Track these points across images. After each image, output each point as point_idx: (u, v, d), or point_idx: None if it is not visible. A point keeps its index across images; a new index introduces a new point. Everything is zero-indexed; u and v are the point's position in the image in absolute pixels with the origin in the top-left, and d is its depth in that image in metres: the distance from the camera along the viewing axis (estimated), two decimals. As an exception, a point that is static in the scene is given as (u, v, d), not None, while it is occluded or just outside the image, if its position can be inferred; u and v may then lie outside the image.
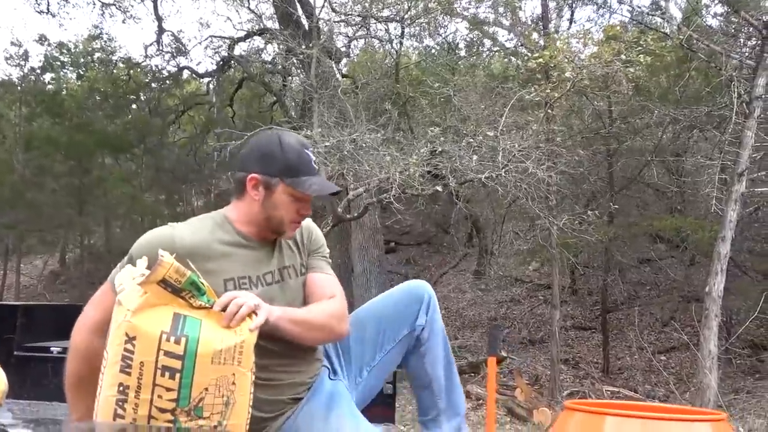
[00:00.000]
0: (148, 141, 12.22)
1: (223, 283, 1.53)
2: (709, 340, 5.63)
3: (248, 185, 1.59)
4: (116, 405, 1.16)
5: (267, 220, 1.60)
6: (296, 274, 1.68)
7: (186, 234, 1.53)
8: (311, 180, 1.59)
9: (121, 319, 1.20)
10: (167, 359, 1.18)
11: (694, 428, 1.45)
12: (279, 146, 1.60)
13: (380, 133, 5.22)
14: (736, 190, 5.87)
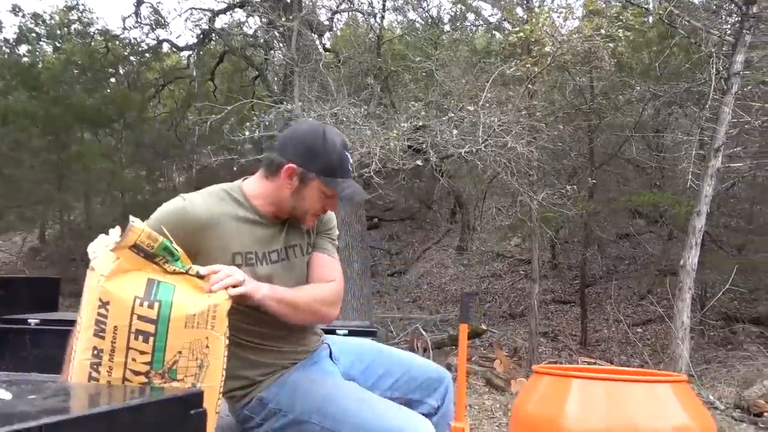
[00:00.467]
0: (127, 115, 12.00)
1: (232, 257, 1.57)
2: (682, 311, 5.78)
3: (283, 173, 1.60)
4: (90, 368, 1.18)
5: (292, 209, 1.63)
6: (302, 253, 1.71)
7: (198, 206, 1.55)
8: (347, 183, 1.62)
9: (95, 284, 1.21)
10: (141, 323, 1.20)
11: (655, 389, 1.52)
12: (323, 143, 1.61)
13: (361, 107, 5.19)
14: (712, 166, 5.97)
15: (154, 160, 12.88)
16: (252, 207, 1.63)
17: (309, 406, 1.54)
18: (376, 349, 1.85)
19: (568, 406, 1.53)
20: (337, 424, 1.50)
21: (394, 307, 12.81)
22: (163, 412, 0.88)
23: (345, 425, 1.49)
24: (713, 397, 6.21)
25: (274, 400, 1.59)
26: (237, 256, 1.58)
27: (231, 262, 1.55)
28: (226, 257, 1.56)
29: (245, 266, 1.58)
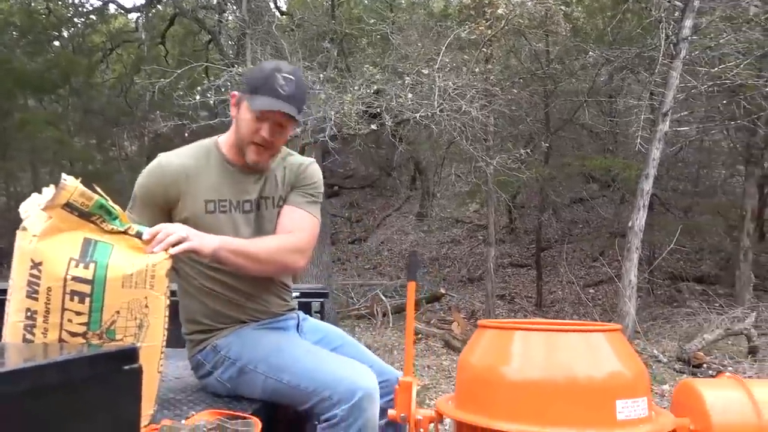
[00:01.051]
0: (73, 81, 11.45)
1: (204, 204, 1.61)
2: (629, 271, 6.01)
3: (231, 103, 1.69)
4: (24, 330, 1.16)
5: (238, 140, 1.65)
6: (273, 205, 1.72)
7: (171, 158, 1.63)
8: (265, 100, 1.58)
9: (26, 244, 1.18)
10: (76, 284, 1.18)
11: (590, 337, 1.59)
12: (258, 68, 1.71)
13: (317, 71, 5.10)
14: (660, 130, 6.14)
15: (103, 128, 12.40)
16: (223, 156, 1.68)
17: (256, 355, 1.56)
18: (344, 339, 1.87)
19: (510, 357, 1.58)
20: (278, 372, 1.52)
21: (355, 274, 12.90)
22: (94, 368, 0.87)
23: (286, 373, 1.51)
24: (657, 351, 6.53)
25: (226, 348, 1.61)
26: (209, 203, 1.62)
27: (204, 209, 1.61)
28: (198, 204, 1.61)
29: (218, 212, 1.63)
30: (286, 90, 1.61)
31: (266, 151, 1.66)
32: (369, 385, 1.48)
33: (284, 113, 1.60)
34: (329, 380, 1.47)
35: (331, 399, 1.45)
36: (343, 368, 1.51)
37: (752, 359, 6.16)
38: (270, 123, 1.61)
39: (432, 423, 1.70)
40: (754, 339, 6.21)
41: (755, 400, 1.56)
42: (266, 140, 1.62)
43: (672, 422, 1.56)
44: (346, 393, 1.44)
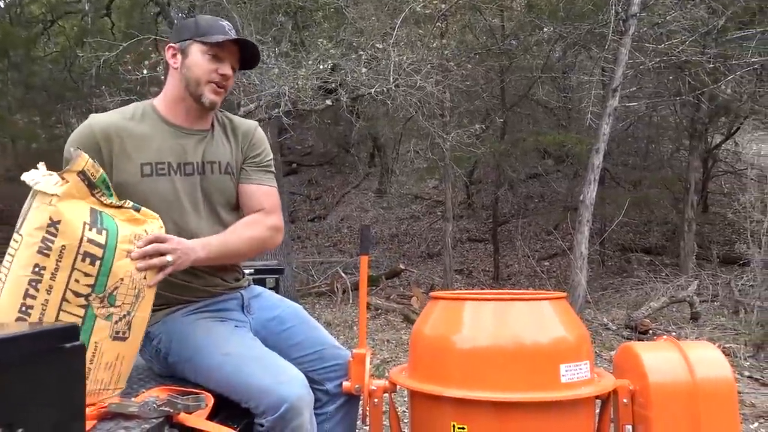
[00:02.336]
0: (12, 54, 10.87)
1: (140, 167, 1.54)
2: (581, 243, 6.19)
3: (168, 57, 1.64)
4: (29, 285, 1.16)
5: (186, 87, 1.60)
6: (220, 171, 1.66)
7: (102, 120, 1.56)
8: (222, 36, 1.59)
9: (45, 203, 1.19)
10: (90, 246, 1.21)
11: (536, 305, 1.65)
12: (194, 18, 1.69)
13: (269, 45, 4.99)
14: (610, 105, 6.29)
15: (47, 104, 11.85)
16: (160, 115, 1.62)
17: (181, 354, 1.51)
18: (299, 317, 1.79)
19: (460, 326, 1.63)
20: (203, 378, 1.47)
21: (315, 252, 12.88)
22: (33, 345, 0.85)
23: (212, 379, 1.46)
24: (607, 319, 6.80)
25: (157, 338, 1.55)
26: (145, 166, 1.55)
27: (140, 173, 1.53)
28: (134, 168, 1.54)
29: (156, 175, 1.56)
30: (233, 34, 1.64)
31: (223, 92, 1.64)
32: (293, 397, 1.40)
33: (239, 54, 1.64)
34: (252, 391, 1.41)
35: (257, 408, 1.41)
36: (266, 378, 1.42)
37: (694, 325, 6.49)
38: (227, 61, 1.62)
39: (386, 393, 1.74)
40: (696, 306, 6.53)
41: (689, 360, 1.65)
42: (225, 77, 1.61)
43: (612, 383, 1.64)
44: (270, 405, 1.38)
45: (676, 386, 1.61)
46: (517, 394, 1.49)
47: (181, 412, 1.18)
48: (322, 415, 1.75)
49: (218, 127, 1.71)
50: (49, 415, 0.86)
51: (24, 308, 1.16)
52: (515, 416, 1.50)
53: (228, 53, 1.62)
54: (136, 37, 7.24)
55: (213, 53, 1.60)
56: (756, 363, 4.93)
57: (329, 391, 1.73)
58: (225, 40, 1.59)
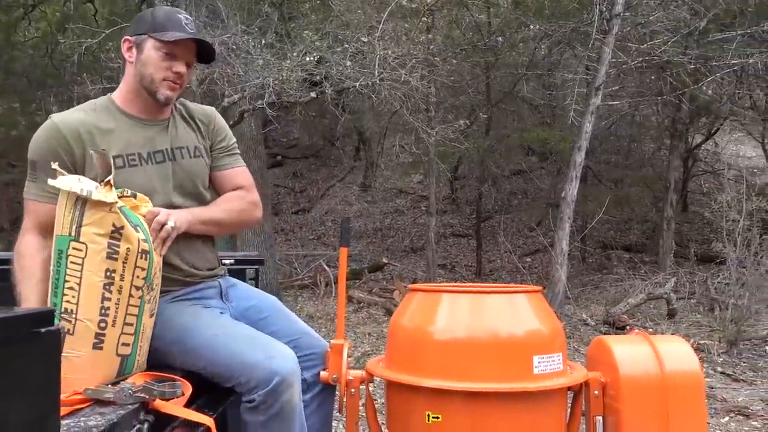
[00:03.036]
0: (-9, 39, 10.65)
1: (112, 160, 1.53)
2: (562, 239, 6.27)
3: (124, 50, 1.65)
4: (104, 289, 1.26)
5: (141, 81, 1.61)
6: (190, 155, 1.69)
7: (66, 116, 1.56)
8: (177, 33, 1.59)
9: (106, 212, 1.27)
10: (144, 244, 1.33)
11: (512, 298, 1.68)
12: (150, 10, 1.69)
13: (254, 35, 4.96)
14: (593, 103, 6.36)
15: (28, 91, 11.64)
16: (119, 109, 1.64)
17: (169, 337, 1.51)
18: (275, 308, 1.81)
19: (437, 318, 1.65)
20: (192, 357, 1.48)
21: (299, 245, 12.85)
22: (8, 329, 0.86)
23: (200, 359, 1.47)
24: (586, 315, 6.90)
25: None
26: (117, 159, 1.56)
27: (113, 165, 1.53)
28: None
29: (128, 167, 1.57)
30: (191, 27, 1.63)
31: (178, 88, 1.65)
32: (285, 370, 1.44)
33: (195, 48, 1.64)
34: (244, 366, 1.43)
35: (248, 384, 1.42)
36: (258, 353, 1.45)
37: (670, 321, 6.62)
38: (181, 58, 1.62)
39: (363, 383, 1.76)
40: (672, 303, 6.66)
41: (659, 354, 1.69)
42: (179, 74, 1.61)
43: (584, 375, 1.68)
44: (262, 379, 1.41)
45: (645, 379, 1.66)
46: (491, 385, 1.52)
47: (157, 399, 1.19)
48: None
49: (177, 115, 1.74)
50: (24, 398, 0.87)
51: (103, 311, 1.27)
52: (489, 406, 1.53)
53: (183, 50, 1.61)
54: (118, 25, 7.15)
55: (167, 50, 1.59)
56: (729, 359, 5.05)
57: (306, 379, 1.73)
58: (179, 38, 1.58)
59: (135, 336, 1.31)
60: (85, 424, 1.06)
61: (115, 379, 1.26)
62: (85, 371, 1.21)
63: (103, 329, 1.24)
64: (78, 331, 1.22)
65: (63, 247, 1.25)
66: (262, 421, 1.40)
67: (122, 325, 1.27)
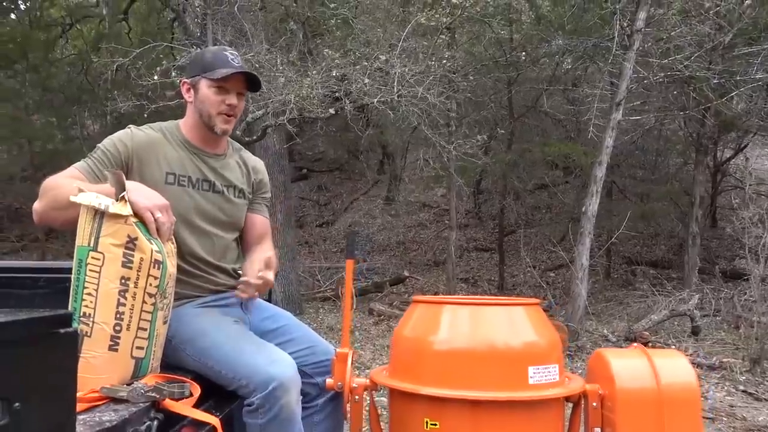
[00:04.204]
0: (31, 56, 11.13)
1: (165, 175, 1.75)
2: (582, 254, 6.24)
3: (183, 91, 1.85)
4: (119, 295, 1.36)
5: (200, 118, 1.81)
6: (236, 195, 1.90)
7: (141, 132, 1.78)
8: (225, 69, 1.76)
9: (121, 224, 1.38)
10: (156, 254, 1.42)
11: (510, 311, 1.73)
12: (200, 52, 1.90)
13: (278, 54, 5.11)
14: (613, 118, 6.35)
15: (64, 106, 12.10)
16: (184, 137, 1.83)
17: (185, 336, 1.64)
18: (291, 319, 1.98)
19: (436, 328, 1.71)
20: (203, 357, 1.60)
21: (322, 257, 12.98)
22: (30, 329, 0.96)
23: (210, 359, 1.58)
24: (607, 330, 6.83)
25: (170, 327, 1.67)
26: (170, 175, 1.76)
27: (164, 179, 1.74)
28: (159, 174, 1.74)
29: (177, 186, 1.77)
30: (237, 61, 1.80)
31: (233, 119, 1.83)
32: (283, 376, 1.53)
33: (244, 79, 1.80)
34: (246, 370, 1.53)
35: (248, 387, 1.52)
36: (260, 358, 1.56)
37: (694, 339, 6.51)
38: (232, 91, 1.79)
39: (367, 390, 1.83)
40: (696, 320, 6.55)
41: (655, 368, 1.72)
42: (232, 106, 1.79)
43: (581, 387, 1.72)
44: (261, 383, 1.50)
45: (641, 391, 1.69)
46: (486, 393, 1.57)
47: (167, 399, 1.28)
48: (312, 407, 1.88)
49: (232, 153, 1.94)
50: (44, 393, 0.96)
51: (118, 315, 1.36)
52: (484, 414, 1.58)
53: (233, 83, 1.79)
54: (149, 44, 7.42)
55: (219, 86, 1.77)
56: (752, 378, 4.96)
57: (319, 384, 1.84)
58: (227, 74, 1.74)
59: (149, 340, 1.41)
60: (99, 419, 1.15)
61: (130, 380, 1.36)
62: (102, 371, 1.31)
63: (118, 332, 1.34)
64: (95, 333, 1.32)
65: (83, 256, 1.35)
66: (260, 423, 1.48)
67: (136, 329, 1.37)
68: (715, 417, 4.03)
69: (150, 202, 1.45)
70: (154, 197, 1.49)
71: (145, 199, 1.45)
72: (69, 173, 1.65)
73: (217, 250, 1.85)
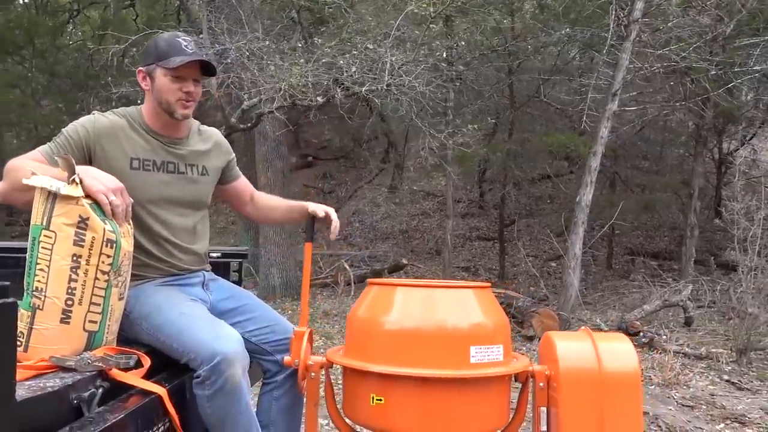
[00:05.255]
0: (38, 42, 11.25)
1: (130, 160, 1.81)
2: (575, 244, 6.27)
3: (140, 80, 1.88)
4: (71, 271, 1.43)
5: (159, 105, 1.84)
6: (199, 173, 1.96)
7: (104, 118, 1.83)
8: (179, 57, 1.80)
9: (73, 205, 1.44)
10: (109, 233, 1.48)
11: (459, 293, 1.79)
12: (154, 41, 1.89)
13: (271, 41, 5.17)
14: (609, 109, 6.34)
15: (71, 92, 12.25)
16: (144, 122, 1.88)
17: (141, 311, 1.72)
18: (252, 299, 2.05)
19: (390, 310, 1.77)
20: (156, 331, 1.68)
21: (324, 244, 13.09)
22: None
23: (161, 333, 1.67)
24: (600, 320, 6.87)
25: (130, 302, 1.75)
26: (135, 160, 1.82)
27: (129, 165, 1.81)
28: (124, 161, 1.80)
29: (143, 170, 1.83)
30: (191, 48, 1.84)
31: (192, 103, 1.88)
32: (227, 350, 1.59)
33: (199, 66, 1.84)
34: (193, 344, 1.60)
35: (196, 360, 1.59)
36: (207, 333, 1.63)
37: (687, 329, 6.54)
38: (188, 78, 1.84)
39: (323, 368, 1.90)
40: (689, 311, 6.57)
41: (598, 351, 1.78)
42: (190, 93, 1.84)
43: (524, 366, 1.78)
44: (206, 356, 1.57)
45: (583, 372, 1.75)
46: (429, 371, 1.64)
47: (113, 368, 1.37)
48: (272, 383, 1.97)
49: (193, 134, 2.00)
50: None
51: (70, 290, 1.43)
52: (426, 391, 1.65)
53: (188, 71, 1.83)
54: (153, 30, 7.49)
55: (174, 74, 1.82)
56: (737, 368, 4.99)
57: (279, 361, 1.92)
58: (182, 63, 1.79)
59: (102, 315, 1.48)
60: (43, 385, 1.24)
61: (83, 351, 1.44)
62: (54, 342, 1.39)
63: (70, 306, 1.42)
64: (47, 306, 1.40)
65: (36, 234, 1.43)
66: (207, 395, 1.56)
67: (89, 304, 1.45)
68: (695, 405, 4.09)
69: (103, 186, 1.51)
70: (108, 180, 1.55)
71: (99, 183, 1.51)
72: (32, 155, 1.72)
73: (182, 232, 1.92)
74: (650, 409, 3.91)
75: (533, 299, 7.83)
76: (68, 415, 1.22)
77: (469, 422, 1.67)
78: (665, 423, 3.62)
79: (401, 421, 1.67)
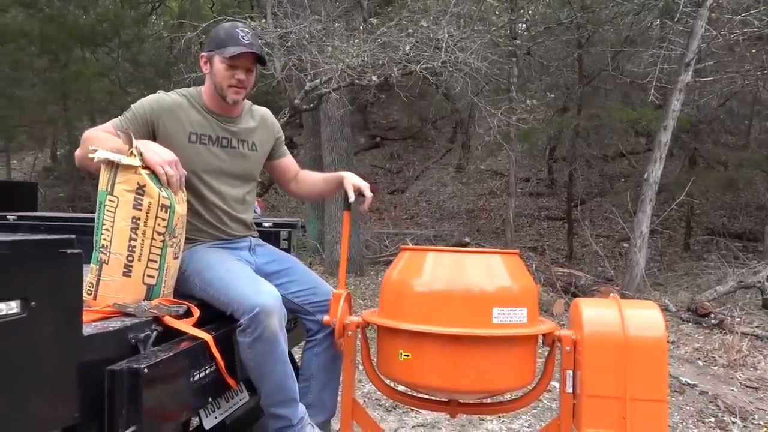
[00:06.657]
0: (123, 33, 12.03)
1: (188, 135, 2.02)
2: (642, 222, 6.08)
3: (201, 64, 2.09)
4: (131, 232, 1.64)
5: (215, 89, 2.04)
6: (248, 148, 2.15)
7: (169, 96, 2.05)
8: (234, 48, 1.98)
9: (132, 173, 1.65)
10: (164, 199, 1.68)
11: (486, 258, 1.87)
12: (216, 30, 2.09)
13: (322, 24, 5.29)
14: (681, 80, 6.06)
15: (153, 79, 13.01)
16: (202, 101, 2.08)
17: (194, 268, 1.92)
18: (295, 263, 2.22)
19: (420, 273, 1.88)
20: (206, 285, 1.87)
21: (390, 224, 13.27)
22: (41, 247, 1.24)
23: (211, 287, 1.86)
24: (669, 301, 6.64)
25: (185, 261, 1.96)
26: (192, 135, 2.03)
27: (187, 139, 2.01)
28: (184, 135, 2.01)
29: (199, 144, 2.03)
30: (247, 39, 2.01)
31: (243, 90, 2.06)
32: (265, 302, 1.76)
33: (252, 57, 2.02)
34: (237, 296, 1.79)
35: (239, 311, 1.77)
36: (249, 288, 1.81)
37: (764, 312, 6.20)
38: (241, 67, 2.01)
39: (359, 327, 2.05)
40: (767, 293, 6.23)
41: (624, 317, 1.81)
42: (241, 81, 2.03)
43: (549, 329, 1.84)
44: (247, 307, 1.74)
45: (606, 337, 1.79)
46: (451, 329, 1.74)
47: (166, 316, 1.57)
48: (313, 341, 2.15)
49: (245, 113, 2.19)
50: (55, 297, 1.25)
51: (130, 248, 1.64)
52: (449, 347, 1.75)
53: (242, 61, 2.02)
54: (232, 15, 7.83)
55: (229, 63, 2.00)
56: (812, 352, 4.72)
57: (319, 321, 2.08)
58: (236, 54, 1.97)
59: (159, 271, 1.69)
60: (107, 326, 1.45)
61: (142, 301, 1.66)
62: (117, 292, 1.61)
63: (131, 262, 1.63)
64: (111, 261, 1.62)
65: (102, 199, 1.65)
66: (248, 342, 1.75)
67: (147, 261, 1.65)
68: (760, 387, 3.94)
69: (160, 158, 1.71)
70: (164, 153, 1.75)
71: (156, 155, 1.71)
72: (104, 127, 1.97)
73: (233, 201, 2.12)
74: (711, 389, 3.81)
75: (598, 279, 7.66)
76: (127, 351, 1.43)
77: (489, 379, 1.76)
78: (724, 403, 3.53)
79: (426, 376, 1.79)
